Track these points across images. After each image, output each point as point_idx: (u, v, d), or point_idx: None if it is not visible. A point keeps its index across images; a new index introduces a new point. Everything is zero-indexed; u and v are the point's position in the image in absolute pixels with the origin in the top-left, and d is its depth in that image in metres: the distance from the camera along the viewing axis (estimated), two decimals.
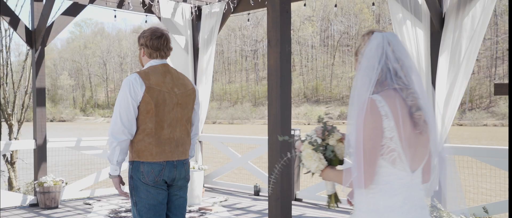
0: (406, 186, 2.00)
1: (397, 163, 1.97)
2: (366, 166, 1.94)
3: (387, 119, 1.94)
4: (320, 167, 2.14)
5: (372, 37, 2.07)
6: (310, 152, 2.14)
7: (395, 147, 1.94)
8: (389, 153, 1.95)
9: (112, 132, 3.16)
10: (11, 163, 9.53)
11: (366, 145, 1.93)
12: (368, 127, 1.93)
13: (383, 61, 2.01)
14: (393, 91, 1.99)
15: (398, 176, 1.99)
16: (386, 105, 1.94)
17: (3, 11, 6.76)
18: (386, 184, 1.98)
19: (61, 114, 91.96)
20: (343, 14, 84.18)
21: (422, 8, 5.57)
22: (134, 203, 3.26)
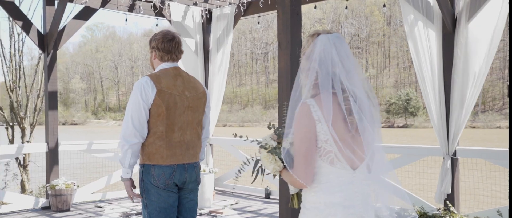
0: (347, 183, 2.09)
1: (335, 163, 2.06)
2: (305, 166, 2.05)
3: (320, 123, 2.03)
4: (277, 168, 2.24)
5: (317, 39, 2.13)
6: (266, 154, 2.27)
7: (331, 148, 2.04)
8: (326, 154, 2.06)
9: (124, 135, 3.16)
10: (23, 166, 9.61)
11: (302, 147, 2.05)
12: (303, 131, 2.05)
13: (324, 64, 2.08)
14: (328, 95, 2.05)
15: (337, 175, 2.08)
16: (319, 110, 2.04)
17: (16, 16, 6.81)
18: (327, 182, 2.08)
19: (73, 117, 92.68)
20: (354, 16, 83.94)
21: (434, 10, 5.52)
22: (145, 205, 3.26)
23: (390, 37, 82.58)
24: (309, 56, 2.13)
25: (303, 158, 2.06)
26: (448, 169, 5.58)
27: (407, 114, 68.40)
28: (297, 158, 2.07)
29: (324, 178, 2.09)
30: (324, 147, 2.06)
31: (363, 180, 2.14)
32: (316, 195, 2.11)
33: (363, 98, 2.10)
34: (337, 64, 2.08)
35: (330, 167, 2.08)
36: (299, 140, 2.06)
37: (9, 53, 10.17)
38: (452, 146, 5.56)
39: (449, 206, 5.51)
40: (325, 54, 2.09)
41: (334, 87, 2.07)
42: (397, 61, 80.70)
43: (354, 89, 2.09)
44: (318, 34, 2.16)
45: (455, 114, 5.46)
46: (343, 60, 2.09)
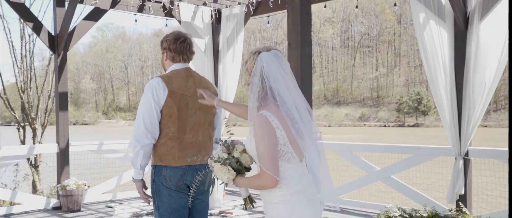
0: (301, 175, 2.45)
1: (291, 161, 2.41)
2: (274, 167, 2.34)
3: (279, 130, 2.36)
4: (231, 177, 2.50)
5: (258, 58, 2.45)
6: (219, 166, 2.50)
7: (288, 149, 2.39)
8: (284, 155, 2.39)
9: (136, 136, 3.15)
10: (35, 166, 9.67)
11: (270, 151, 2.34)
12: (268, 138, 2.34)
13: (263, 80, 2.42)
14: (276, 106, 2.40)
15: (294, 169, 2.42)
16: (276, 119, 2.36)
17: (27, 17, 6.85)
18: (287, 177, 2.40)
19: (83, 117, 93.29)
20: (364, 15, 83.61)
21: (446, 8, 5.46)
22: (157, 207, 3.25)
23: (400, 35, 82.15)
24: (253, 73, 2.46)
25: (272, 159, 2.33)
26: (461, 169, 5.52)
27: (418, 113, 67.99)
28: (266, 161, 2.33)
29: (285, 175, 2.40)
30: (282, 149, 2.38)
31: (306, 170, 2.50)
32: (281, 190, 2.41)
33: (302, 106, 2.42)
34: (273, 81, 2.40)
35: (288, 165, 2.41)
36: (266, 146, 2.33)
37: (20, 54, 10.24)
38: (465, 146, 5.50)
39: (461, 207, 5.45)
40: (268, 71, 2.41)
41: (277, 100, 2.39)
42: (408, 60, 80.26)
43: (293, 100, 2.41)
44: (259, 52, 2.47)
45: (467, 113, 5.39)
46: (284, 76, 2.42)
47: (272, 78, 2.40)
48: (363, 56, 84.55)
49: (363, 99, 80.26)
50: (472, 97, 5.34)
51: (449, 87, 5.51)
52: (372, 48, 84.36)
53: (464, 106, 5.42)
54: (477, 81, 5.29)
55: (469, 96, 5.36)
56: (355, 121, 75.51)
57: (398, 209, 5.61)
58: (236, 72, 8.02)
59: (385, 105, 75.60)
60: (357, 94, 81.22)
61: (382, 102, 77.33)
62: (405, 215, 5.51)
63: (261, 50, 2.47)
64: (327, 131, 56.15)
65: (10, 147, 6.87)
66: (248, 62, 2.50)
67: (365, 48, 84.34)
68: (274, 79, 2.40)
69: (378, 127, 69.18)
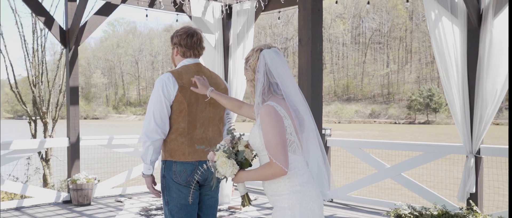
0: (305, 165, 2.55)
1: (296, 151, 2.50)
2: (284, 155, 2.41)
3: (286, 119, 2.46)
4: (234, 171, 2.52)
5: (261, 54, 2.56)
6: (224, 159, 2.51)
7: (294, 139, 2.49)
8: (291, 144, 2.48)
9: (146, 131, 3.15)
10: (46, 160, 9.74)
11: (281, 139, 2.41)
12: (278, 126, 2.42)
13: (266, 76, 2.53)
14: (280, 99, 2.51)
15: (299, 160, 2.51)
16: (283, 109, 2.47)
17: (39, 12, 6.88)
18: (295, 168, 2.48)
19: (94, 111, 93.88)
20: (375, 11, 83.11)
21: (459, 5, 5.40)
22: (166, 202, 3.25)
23: (412, 32, 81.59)
24: (255, 69, 2.57)
25: (282, 147, 2.40)
26: (472, 167, 5.47)
27: (429, 110, 67.55)
28: (278, 149, 2.40)
29: (292, 165, 2.47)
30: (289, 138, 2.47)
31: None
32: (291, 180, 2.47)
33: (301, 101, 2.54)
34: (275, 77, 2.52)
35: (294, 155, 2.49)
36: (276, 134, 2.41)
37: (32, 48, 10.31)
38: (476, 144, 5.44)
39: (472, 206, 5.41)
40: (269, 67, 2.53)
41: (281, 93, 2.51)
42: (419, 57, 79.71)
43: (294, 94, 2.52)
44: (261, 49, 2.58)
45: (479, 111, 5.34)
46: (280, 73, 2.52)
47: (275, 73, 2.51)
48: (374, 52, 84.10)
49: (374, 96, 79.87)
50: (484, 95, 5.28)
51: (461, 84, 5.45)
52: (383, 44, 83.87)
53: (476, 104, 5.36)
54: (490, 79, 5.23)
55: (481, 94, 5.30)
56: (365, 117, 75.20)
57: (408, 207, 5.58)
58: None
59: (396, 102, 75.20)
60: (367, 91, 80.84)
61: (393, 99, 76.91)
62: (415, 213, 5.47)
63: (263, 47, 2.59)
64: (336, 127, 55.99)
65: (21, 140, 6.92)
66: (250, 59, 2.60)
67: (376, 45, 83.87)
68: (277, 74, 2.51)
69: (389, 124, 68.85)
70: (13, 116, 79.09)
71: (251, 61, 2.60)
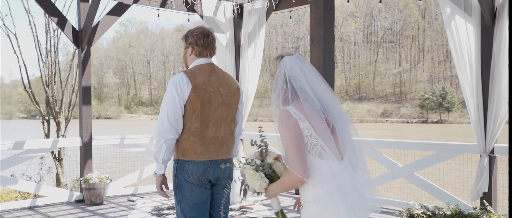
0: (339, 173, 2.32)
1: (323, 155, 2.31)
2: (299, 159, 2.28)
3: (301, 120, 2.32)
4: (263, 184, 2.43)
5: (282, 62, 2.50)
6: (252, 172, 2.45)
7: (316, 141, 2.31)
8: (313, 148, 2.31)
9: (159, 130, 3.16)
10: (58, 159, 9.82)
11: (292, 143, 2.30)
12: (289, 130, 2.32)
13: (288, 81, 2.44)
14: (301, 101, 2.38)
15: (328, 166, 2.31)
16: (298, 111, 2.35)
17: (51, 12, 6.94)
18: (321, 175, 2.31)
19: (106, 111, 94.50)
20: (387, 9, 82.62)
21: (472, 3, 5.34)
22: (178, 201, 3.26)
23: (424, 30, 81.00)
24: (277, 77, 2.49)
25: (296, 151, 2.28)
26: (485, 167, 5.41)
27: (441, 109, 67.02)
28: (290, 153, 2.29)
29: (318, 171, 2.31)
30: (310, 141, 2.32)
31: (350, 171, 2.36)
32: (314, 188, 2.31)
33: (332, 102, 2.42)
34: (301, 79, 2.42)
35: (320, 160, 2.32)
36: (289, 138, 2.31)
37: (45, 49, 10.39)
38: (490, 143, 5.38)
39: (486, 205, 5.35)
40: (291, 72, 2.44)
41: (305, 96, 2.39)
42: (432, 56, 79.10)
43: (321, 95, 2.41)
44: (282, 57, 2.52)
45: (494, 110, 5.28)
46: (306, 75, 2.44)
47: (295, 79, 2.43)
48: (386, 51, 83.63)
49: (386, 95, 79.45)
50: (498, 93, 5.22)
51: (475, 83, 5.40)
52: (395, 43, 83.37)
53: (490, 103, 5.30)
54: (504, 78, 5.17)
55: (495, 93, 5.24)
56: (377, 117, 74.84)
57: (420, 207, 5.53)
58: (257, 67, 8.00)
59: (408, 101, 74.74)
60: (379, 90, 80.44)
61: (405, 98, 76.45)
62: (428, 212, 5.43)
63: (284, 54, 2.53)
64: None
65: (34, 140, 6.98)
66: (272, 67, 2.57)
67: (388, 44, 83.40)
68: (297, 79, 2.42)
69: (401, 123, 68.45)
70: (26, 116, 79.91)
71: (272, 69, 2.57)
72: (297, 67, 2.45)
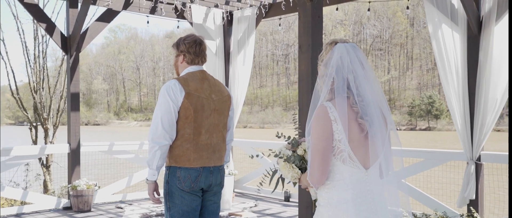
0: (359, 181, 2.22)
1: (347, 162, 2.20)
2: (321, 163, 2.19)
3: (336, 123, 2.19)
4: (295, 175, 2.42)
5: (335, 48, 2.30)
6: (283, 163, 2.45)
7: (344, 148, 2.19)
8: (339, 153, 2.20)
9: (153, 137, 3.16)
10: (46, 166, 9.73)
11: (319, 145, 2.19)
12: (320, 130, 2.20)
13: (340, 71, 2.25)
14: (342, 98, 2.22)
15: (350, 173, 2.21)
16: (336, 111, 2.20)
17: (40, 18, 6.91)
18: (340, 180, 2.22)
19: (95, 117, 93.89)
20: (376, 17, 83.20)
21: (459, 12, 5.41)
22: (168, 208, 3.26)
23: (413, 38, 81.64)
24: (326, 63, 2.30)
25: (320, 154, 2.18)
26: (472, 174, 5.46)
27: (430, 116, 67.47)
28: (314, 155, 2.19)
29: (338, 176, 2.22)
30: (337, 146, 2.20)
31: (377, 179, 2.26)
32: (329, 192, 2.24)
33: (376, 104, 2.26)
34: (352, 72, 2.24)
35: (343, 165, 2.21)
36: (317, 138, 2.19)
37: (33, 54, 10.32)
38: (477, 151, 5.44)
39: (473, 212, 5.39)
40: (342, 61, 2.25)
41: (348, 93, 2.23)
42: (420, 63, 79.71)
43: (368, 95, 2.24)
44: (336, 42, 2.33)
45: (480, 118, 5.34)
46: (357, 68, 2.25)
47: (345, 69, 2.25)
48: (375, 59, 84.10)
49: None
50: (485, 102, 5.28)
51: (461, 91, 5.46)
52: (384, 51, 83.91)
53: (476, 111, 5.36)
54: (491, 87, 5.23)
55: (482, 101, 5.30)
56: None
57: (408, 214, 5.56)
58: (247, 74, 8.02)
59: (397, 109, 75.15)
60: None
61: (394, 105, 76.86)
62: None
63: (338, 41, 2.35)
64: None
65: (22, 146, 6.92)
66: (323, 52, 2.38)
67: (377, 51, 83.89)
68: (348, 70, 2.25)
69: None
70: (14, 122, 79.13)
71: (323, 54, 2.37)
72: (347, 57, 2.27)
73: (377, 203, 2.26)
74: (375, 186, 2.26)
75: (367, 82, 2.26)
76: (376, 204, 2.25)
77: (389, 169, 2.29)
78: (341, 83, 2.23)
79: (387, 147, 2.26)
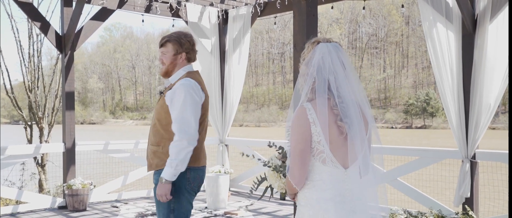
0: (339, 181, 2.24)
1: (327, 162, 2.21)
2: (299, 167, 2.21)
3: (314, 125, 2.19)
4: (281, 185, 2.47)
5: (317, 47, 2.29)
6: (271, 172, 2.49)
7: (323, 149, 2.19)
8: (319, 154, 2.21)
9: (189, 138, 3.03)
10: (41, 165, 9.71)
11: (297, 147, 2.20)
12: (299, 132, 2.21)
13: (321, 71, 2.24)
14: (323, 100, 2.21)
15: (330, 173, 2.23)
16: (314, 113, 2.20)
17: (34, 17, 6.88)
18: (319, 180, 2.23)
19: (91, 116, 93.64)
20: (372, 16, 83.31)
21: (454, 10, 5.42)
22: (172, 209, 3.15)
23: (408, 37, 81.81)
24: (308, 63, 2.29)
25: (298, 157, 2.20)
26: (467, 172, 5.47)
27: (425, 114, 67.67)
28: (293, 156, 2.20)
29: (317, 176, 2.24)
30: (316, 147, 2.20)
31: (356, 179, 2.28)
32: (309, 192, 2.25)
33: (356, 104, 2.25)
34: (333, 73, 2.23)
35: (322, 166, 2.22)
36: (295, 140, 2.21)
37: (28, 53, 10.29)
38: (471, 149, 5.45)
39: (468, 210, 5.41)
40: (324, 61, 2.25)
41: (329, 94, 2.23)
42: (416, 62, 79.91)
43: (348, 96, 2.24)
44: (318, 42, 2.31)
45: (474, 117, 5.35)
46: (338, 69, 2.24)
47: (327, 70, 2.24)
48: (370, 57, 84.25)
49: (371, 100, 79.89)
50: (480, 100, 5.29)
51: (456, 89, 5.47)
52: (379, 49, 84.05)
53: (471, 109, 5.38)
54: (485, 84, 5.24)
55: (477, 100, 5.31)
56: None
57: (404, 212, 5.58)
58: (242, 73, 8.02)
59: (392, 107, 75.32)
60: None
61: (390, 103, 77.04)
62: (410, 217, 5.47)
63: (321, 40, 2.33)
64: None
65: (17, 145, 6.90)
66: (305, 51, 2.35)
67: (372, 50, 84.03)
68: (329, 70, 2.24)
69: (386, 128, 68.95)
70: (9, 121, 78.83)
71: (305, 53, 2.34)
72: (329, 58, 2.26)
73: (356, 202, 2.27)
74: (355, 186, 2.27)
75: (347, 83, 2.25)
76: (355, 203, 2.27)
77: (368, 170, 2.30)
78: (322, 84, 2.22)
79: (366, 149, 2.27)
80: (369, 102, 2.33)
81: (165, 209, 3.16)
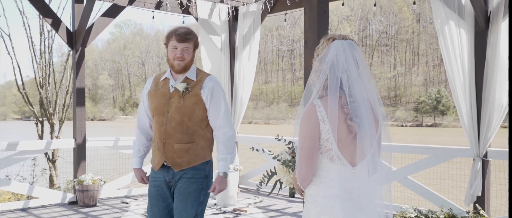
0: (346, 179, 2.23)
1: (335, 160, 2.22)
2: (306, 163, 2.21)
3: (323, 122, 2.19)
4: (290, 180, 2.47)
5: (331, 44, 2.27)
6: (281, 167, 2.51)
7: (331, 146, 2.20)
8: (327, 151, 2.21)
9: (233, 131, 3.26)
10: (52, 161, 9.78)
11: (305, 144, 2.21)
12: (308, 129, 2.21)
13: (334, 68, 2.22)
14: (334, 98, 2.20)
15: (337, 171, 2.23)
16: (324, 111, 2.20)
17: (46, 13, 6.91)
18: (327, 177, 2.24)
19: (101, 113, 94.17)
20: (382, 13, 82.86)
21: (466, 7, 5.37)
22: (201, 202, 3.20)
23: (419, 34, 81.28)
24: (322, 59, 2.27)
25: (306, 154, 2.20)
26: (479, 171, 5.42)
27: (436, 112, 67.21)
28: (301, 153, 2.21)
29: (325, 173, 2.24)
30: (325, 144, 2.21)
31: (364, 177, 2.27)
32: (316, 188, 2.25)
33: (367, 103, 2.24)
34: (346, 71, 2.22)
35: (330, 163, 2.23)
36: (304, 137, 2.21)
37: (39, 50, 10.35)
38: (483, 147, 5.40)
39: (479, 209, 5.36)
40: (337, 59, 2.23)
41: (340, 92, 2.22)
42: (426, 59, 79.38)
43: (359, 94, 2.22)
44: (334, 39, 2.29)
45: (487, 115, 5.29)
46: (351, 68, 2.23)
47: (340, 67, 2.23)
48: (381, 55, 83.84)
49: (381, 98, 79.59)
50: (493, 98, 5.24)
51: (468, 87, 5.42)
52: (390, 47, 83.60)
53: (483, 107, 5.32)
54: (498, 82, 5.19)
55: (490, 97, 5.26)
56: None
57: (414, 210, 5.55)
58: (252, 70, 8.00)
59: (403, 105, 74.93)
60: None
61: (400, 101, 76.65)
62: (421, 216, 5.44)
63: (336, 37, 2.31)
64: None
65: (28, 141, 6.95)
66: (320, 47, 2.34)
67: (383, 47, 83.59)
68: (342, 68, 2.23)
69: (396, 126, 68.63)
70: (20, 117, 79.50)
71: (319, 49, 2.33)
72: (343, 56, 2.24)
73: (364, 200, 2.27)
74: (362, 184, 2.27)
75: (360, 81, 2.24)
76: (363, 200, 2.26)
77: (376, 169, 2.28)
78: (334, 82, 2.21)
79: (375, 148, 2.26)
80: (381, 100, 2.32)
81: (195, 201, 3.17)
